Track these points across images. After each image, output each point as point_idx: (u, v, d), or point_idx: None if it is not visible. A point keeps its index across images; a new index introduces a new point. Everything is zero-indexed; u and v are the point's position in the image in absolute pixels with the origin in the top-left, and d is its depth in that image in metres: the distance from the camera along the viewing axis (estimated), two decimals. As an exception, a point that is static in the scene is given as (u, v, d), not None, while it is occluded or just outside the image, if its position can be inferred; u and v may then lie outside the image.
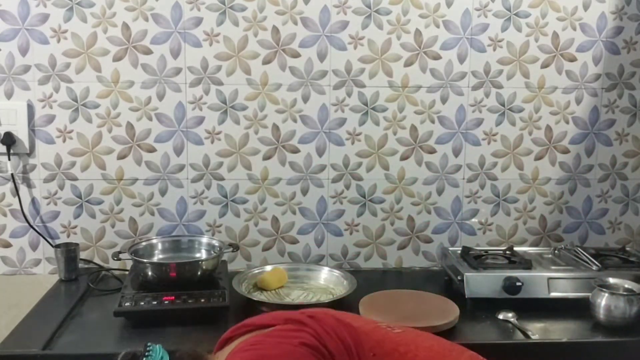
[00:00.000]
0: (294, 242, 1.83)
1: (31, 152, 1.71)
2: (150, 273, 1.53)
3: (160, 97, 1.72)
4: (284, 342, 0.96)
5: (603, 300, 1.41)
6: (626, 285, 1.45)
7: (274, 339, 0.98)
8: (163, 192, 1.77)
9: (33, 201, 1.73)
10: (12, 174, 1.69)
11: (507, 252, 1.71)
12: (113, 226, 1.77)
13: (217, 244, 1.68)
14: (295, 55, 1.74)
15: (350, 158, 1.80)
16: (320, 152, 1.79)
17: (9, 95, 1.68)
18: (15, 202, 1.71)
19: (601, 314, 1.41)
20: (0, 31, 1.65)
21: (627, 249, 1.79)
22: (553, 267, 1.63)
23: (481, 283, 1.52)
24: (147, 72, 1.71)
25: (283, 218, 1.81)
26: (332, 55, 1.75)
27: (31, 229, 1.73)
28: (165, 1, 1.69)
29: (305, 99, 1.76)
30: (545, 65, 1.81)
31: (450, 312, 1.42)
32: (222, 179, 1.78)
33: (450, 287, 1.65)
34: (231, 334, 1.08)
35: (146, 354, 0.96)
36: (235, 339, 1.06)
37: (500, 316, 1.47)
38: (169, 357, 0.98)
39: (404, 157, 1.82)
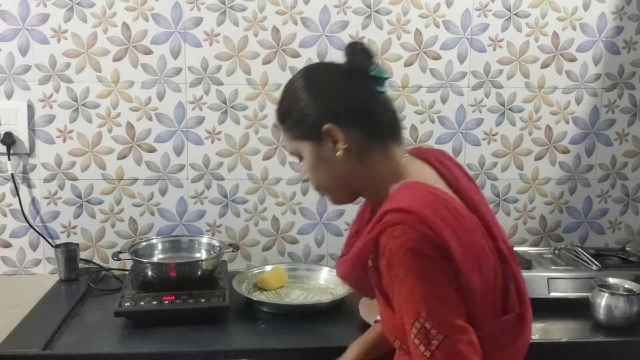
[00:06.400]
0: (294, 242, 1.83)
1: (31, 152, 1.71)
2: (150, 273, 1.53)
3: (160, 97, 1.72)
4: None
5: (603, 300, 1.41)
6: (626, 285, 1.45)
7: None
8: (163, 192, 1.77)
9: (33, 201, 1.73)
10: (12, 174, 1.69)
11: (507, 252, 1.71)
12: (113, 226, 1.77)
13: (217, 244, 1.68)
14: (296, 55, 1.74)
15: (350, 158, 1.80)
16: (320, 152, 1.79)
17: (9, 95, 1.68)
18: (15, 202, 1.71)
19: (601, 314, 1.41)
20: (0, 31, 1.65)
21: (627, 249, 1.79)
22: (553, 267, 1.63)
23: (481, 283, 1.52)
24: (147, 72, 1.71)
25: (283, 218, 1.81)
26: (332, 55, 1.75)
27: (31, 229, 1.73)
28: (165, 1, 1.69)
29: (305, 99, 1.76)
30: (545, 65, 1.81)
31: (450, 312, 1.42)
32: (222, 179, 1.78)
33: (450, 287, 1.65)
34: None
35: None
36: None
37: (500, 316, 1.47)
38: None
39: (404, 157, 1.82)
